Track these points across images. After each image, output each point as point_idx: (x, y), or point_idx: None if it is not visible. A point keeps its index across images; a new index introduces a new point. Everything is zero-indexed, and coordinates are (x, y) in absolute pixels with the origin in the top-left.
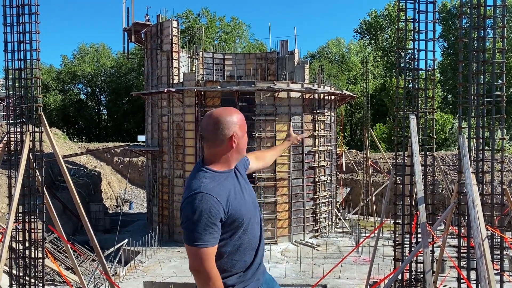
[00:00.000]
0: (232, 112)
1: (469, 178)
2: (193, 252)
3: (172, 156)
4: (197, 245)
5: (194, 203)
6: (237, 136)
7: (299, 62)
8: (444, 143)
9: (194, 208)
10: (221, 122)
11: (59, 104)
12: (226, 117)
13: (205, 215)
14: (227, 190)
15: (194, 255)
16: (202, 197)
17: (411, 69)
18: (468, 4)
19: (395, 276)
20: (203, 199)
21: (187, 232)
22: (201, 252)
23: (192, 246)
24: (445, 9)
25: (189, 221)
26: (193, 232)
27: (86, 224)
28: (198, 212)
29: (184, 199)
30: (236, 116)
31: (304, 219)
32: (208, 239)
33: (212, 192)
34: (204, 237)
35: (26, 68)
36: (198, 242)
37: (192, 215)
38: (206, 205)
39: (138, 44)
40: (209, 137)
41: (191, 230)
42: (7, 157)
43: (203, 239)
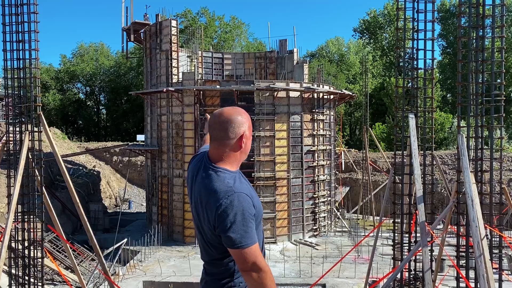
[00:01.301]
0: (241, 112)
1: (468, 177)
2: (245, 253)
3: (171, 155)
4: (247, 245)
5: (233, 205)
6: (246, 136)
7: (298, 61)
8: (443, 142)
9: (235, 209)
10: (233, 121)
11: (58, 104)
12: (237, 117)
13: (246, 214)
14: (248, 188)
15: (246, 255)
16: (239, 196)
17: (410, 68)
18: (467, 3)
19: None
20: (240, 198)
21: (233, 235)
22: (253, 250)
23: (242, 248)
24: (444, 8)
25: (234, 223)
26: (241, 233)
27: (85, 223)
28: (240, 212)
29: (218, 203)
30: (246, 116)
31: (304, 218)
32: (253, 235)
33: (243, 190)
34: (250, 234)
35: (25, 68)
36: (248, 241)
37: (235, 216)
38: (244, 203)
39: (137, 44)
40: (219, 136)
41: (238, 232)
42: (6, 157)
43: (251, 237)
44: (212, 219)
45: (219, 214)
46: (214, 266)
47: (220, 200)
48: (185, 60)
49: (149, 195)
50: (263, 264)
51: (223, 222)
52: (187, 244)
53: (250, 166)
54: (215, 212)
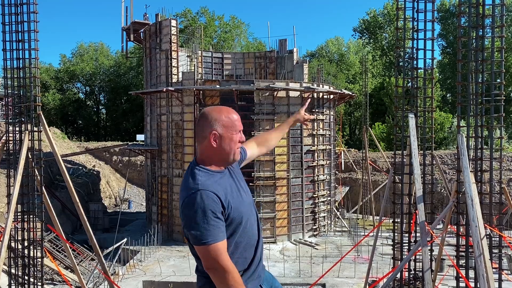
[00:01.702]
0: (221, 111)
1: (467, 177)
2: (206, 250)
3: (171, 155)
4: (208, 242)
5: (195, 202)
6: (216, 135)
7: (298, 61)
8: (443, 142)
9: (196, 207)
10: (205, 119)
11: (58, 103)
12: (211, 114)
13: (208, 211)
14: (224, 188)
15: (207, 253)
16: (202, 194)
17: (410, 68)
18: (467, 3)
19: (394, 274)
20: (203, 196)
21: (194, 232)
22: (213, 248)
23: (203, 245)
24: (444, 8)
25: (193, 221)
26: (200, 231)
27: (85, 223)
28: (201, 210)
29: (183, 200)
30: (225, 115)
31: (303, 218)
32: (217, 233)
33: (210, 188)
34: (212, 232)
35: (25, 67)
36: (208, 239)
37: (195, 214)
38: (207, 201)
39: (137, 43)
40: (196, 133)
41: (197, 229)
42: (6, 156)
43: (212, 235)
44: (180, 215)
45: (182, 210)
46: (198, 263)
47: (184, 197)
48: (185, 60)
49: (149, 194)
50: (225, 263)
51: (184, 218)
52: (187, 244)
53: (249, 166)
54: (180, 208)
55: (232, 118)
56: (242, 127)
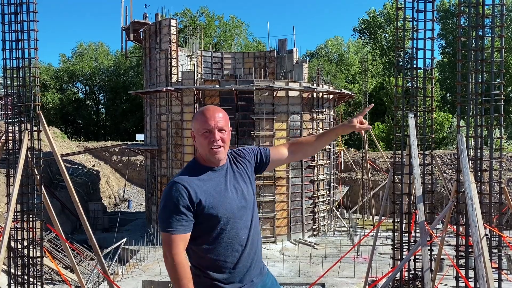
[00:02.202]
0: (200, 110)
1: (467, 177)
2: (163, 238)
3: (171, 155)
4: (166, 230)
5: (166, 192)
6: (193, 133)
7: (298, 61)
8: (443, 142)
9: (165, 196)
10: (194, 116)
11: (57, 103)
12: (196, 113)
13: (172, 202)
14: (201, 184)
15: (163, 241)
16: (173, 185)
17: (409, 68)
18: (466, 3)
19: (394, 274)
20: (173, 187)
21: (159, 218)
22: (169, 238)
23: (163, 232)
24: (444, 8)
25: (160, 208)
26: (162, 219)
27: (84, 223)
28: (168, 200)
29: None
30: (198, 114)
31: (303, 218)
32: (175, 226)
33: (183, 181)
34: (171, 223)
35: (24, 67)
36: (166, 228)
37: (162, 202)
38: (175, 193)
39: (137, 43)
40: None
41: (160, 216)
42: (6, 156)
43: (171, 226)
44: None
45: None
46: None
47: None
48: (185, 59)
49: (148, 194)
50: (175, 255)
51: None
52: None
53: None
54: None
55: (202, 116)
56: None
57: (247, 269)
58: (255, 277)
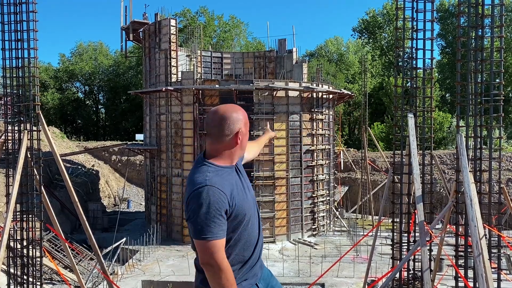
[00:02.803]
0: (237, 109)
1: (467, 177)
2: (203, 246)
3: (170, 155)
4: (207, 238)
5: (200, 197)
6: (242, 132)
7: (298, 61)
8: (442, 142)
9: (201, 201)
10: (228, 118)
11: (57, 103)
12: (232, 114)
13: (212, 208)
14: (230, 185)
15: (205, 248)
16: (209, 190)
17: (409, 68)
18: (466, 3)
19: (393, 274)
20: (209, 192)
21: (195, 226)
22: (211, 244)
23: (202, 240)
24: (443, 8)
25: (196, 214)
26: (201, 225)
27: (84, 222)
28: (206, 205)
29: (189, 194)
30: (242, 113)
31: (302, 217)
32: (217, 231)
33: (218, 185)
34: (213, 229)
35: (24, 67)
36: (208, 234)
37: (199, 208)
38: (213, 197)
39: (136, 43)
40: (214, 133)
41: (199, 223)
42: (5, 156)
43: (212, 231)
44: (185, 208)
45: (187, 203)
46: (197, 259)
47: (190, 190)
48: (184, 59)
49: (148, 194)
50: (220, 261)
51: (188, 211)
52: (186, 243)
53: (249, 165)
54: (186, 201)
55: (246, 115)
56: None
57: (256, 261)
58: (259, 270)
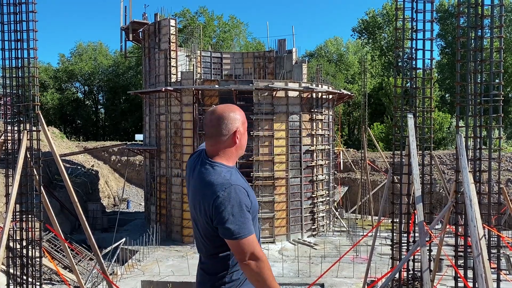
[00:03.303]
0: (234, 109)
1: (466, 177)
2: (245, 243)
3: (170, 155)
4: (245, 235)
5: (230, 197)
6: (239, 132)
7: (297, 61)
8: (442, 142)
9: (232, 202)
10: (225, 118)
11: (56, 103)
12: (229, 113)
13: (243, 205)
14: (244, 182)
15: (246, 244)
16: (236, 188)
17: (409, 68)
18: (466, 3)
19: (393, 274)
20: (237, 190)
21: (232, 226)
22: (251, 239)
23: (241, 239)
24: (443, 9)
25: (234, 215)
26: (239, 224)
27: (83, 223)
28: (237, 204)
29: (214, 196)
30: (239, 113)
31: (302, 218)
32: (250, 226)
33: (240, 183)
34: (248, 225)
35: (24, 67)
36: (245, 232)
37: (233, 208)
38: (242, 195)
39: (136, 43)
40: (213, 133)
41: (235, 223)
42: (5, 156)
43: (249, 227)
44: (209, 211)
45: (217, 206)
46: (210, 261)
47: (217, 192)
48: (184, 59)
49: (147, 194)
50: (260, 253)
51: (220, 214)
52: (185, 243)
53: (248, 165)
54: (212, 204)
55: (244, 114)
56: None
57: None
58: None
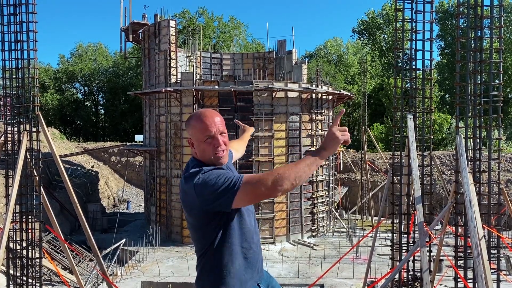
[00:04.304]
0: (194, 116)
1: (466, 178)
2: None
3: (169, 155)
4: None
5: (207, 176)
6: (189, 140)
7: (297, 62)
8: (442, 142)
9: (211, 176)
10: (187, 123)
11: (56, 104)
12: (188, 120)
13: (221, 172)
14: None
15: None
16: (209, 170)
17: (408, 68)
18: (465, 4)
19: (393, 275)
20: (208, 170)
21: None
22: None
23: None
24: (443, 9)
25: (217, 182)
26: (227, 181)
27: (83, 223)
28: (216, 175)
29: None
30: (195, 121)
31: (302, 218)
32: (234, 174)
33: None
34: (235, 175)
35: (24, 68)
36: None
37: (217, 179)
38: (215, 170)
39: (136, 44)
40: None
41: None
42: (4, 157)
43: (235, 176)
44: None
45: (199, 190)
46: (205, 258)
47: (195, 179)
48: (184, 60)
49: (147, 195)
50: (265, 175)
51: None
52: (185, 244)
53: (248, 166)
54: (194, 190)
55: (202, 123)
56: (220, 130)
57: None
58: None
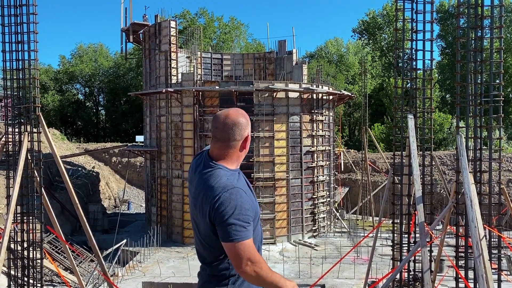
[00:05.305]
0: (244, 114)
1: (467, 178)
2: (243, 247)
3: (170, 156)
4: (245, 238)
5: (231, 198)
6: (249, 138)
7: (297, 62)
8: (442, 142)
9: (233, 203)
10: (239, 124)
11: (57, 105)
12: (242, 119)
13: (243, 208)
14: (247, 187)
15: (246, 249)
16: (238, 192)
17: (409, 69)
18: (466, 4)
19: (394, 275)
20: (238, 193)
21: (233, 227)
22: (249, 243)
23: (241, 241)
24: (443, 9)
25: (232, 216)
26: (240, 226)
27: (84, 224)
28: (239, 206)
29: (216, 196)
30: (248, 118)
31: (303, 219)
32: (250, 230)
33: (242, 187)
34: (248, 229)
35: (24, 69)
36: (245, 234)
37: (234, 210)
38: (243, 199)
39: (136, 44)
40: (225, 138)
41: (238, 225)
42: (6, 158)
43: (248, 232)
44: (210, 212)
45: (217, 206)
46: (209, 269)
47: (218, 193)
48: (184, 61)
49: (148, 195)
50: (257, 257)
51: (220, 214)
52: (186, 244)
53: (249, 166)
54: (212, 204)
55: (249, 122)
56: None
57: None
58: None
